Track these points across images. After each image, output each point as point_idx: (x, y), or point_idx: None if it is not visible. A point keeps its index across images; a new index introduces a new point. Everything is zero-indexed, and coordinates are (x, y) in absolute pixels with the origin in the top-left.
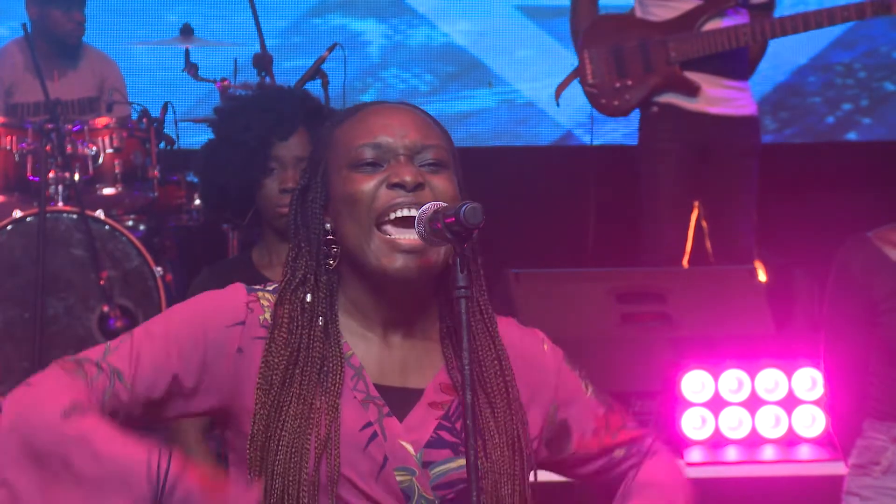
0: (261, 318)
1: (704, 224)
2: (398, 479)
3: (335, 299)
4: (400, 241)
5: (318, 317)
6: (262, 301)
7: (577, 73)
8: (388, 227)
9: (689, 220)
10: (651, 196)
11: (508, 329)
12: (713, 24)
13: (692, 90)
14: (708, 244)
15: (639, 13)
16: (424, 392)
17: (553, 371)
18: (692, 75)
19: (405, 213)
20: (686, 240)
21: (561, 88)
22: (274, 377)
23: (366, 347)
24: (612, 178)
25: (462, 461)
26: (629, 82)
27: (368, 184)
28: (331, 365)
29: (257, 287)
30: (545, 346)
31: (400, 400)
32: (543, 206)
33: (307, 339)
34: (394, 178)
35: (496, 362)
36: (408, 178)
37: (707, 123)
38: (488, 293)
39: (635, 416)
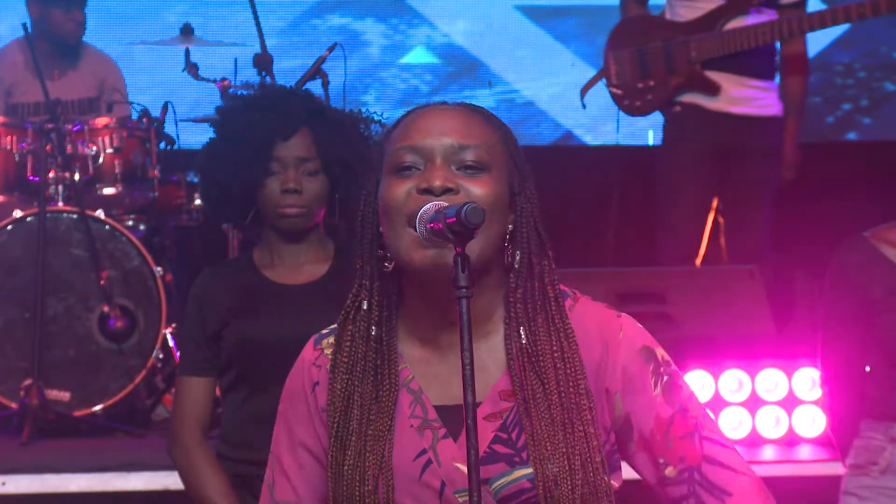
0: (329, 366)
1: (721, 220)
2: (461, 500)
3: (392, 311)
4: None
5: (371, 326)
6: (325, 350)
7: (603, 73)
8: (420, 227)
9: (706, 220)
10: (670, 194)
11: (585, 310)
12: (735, 24)
13: (713, 90)
14: (723, 242)
15: (667, 14)
16: (482, 404)
17: (622, 359)
18: (715, 75)
19: None
20: (702, 238)
21: (586, 89)
22: (337, 403)
23: (427, 369)
24: (613, 178)
25: (519, 472)
26: (652, 83)
27: (402, 189)
28: (385, 385)
29: (325, 332)
30: (621, 334)
31: (457, 418)
32: (544, 206)
33: (362, 354)
34: (423, 183)
35: (558, 354)
36: (436, 184)
37: (728, 123)
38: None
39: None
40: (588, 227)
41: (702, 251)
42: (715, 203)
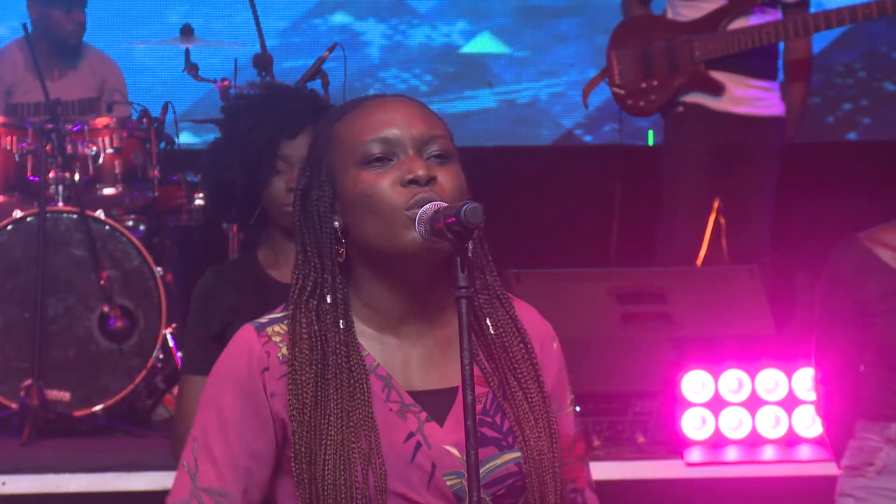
0: (279, 355)
1: (723, 221)
2: (448, 483)
3: (349, 302)
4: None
5: (338, 320)
6: (273, 338)
7: (605, 73)
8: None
9: (707, 220)
10: (672, 194)
11: (530, 315)
12: (739, 24)
13: (717, 89)
14: (724, 242)
15: (669, 14)
16: (458, 390)
17: (554, 366)
18: (718, 75)
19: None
20: (703, 239)
21: (588, 89)
22: (306, 395)
23: (388, 354)
24: (613, 178)
25: (507, 456)
26: (655, 83)
27: (383, 182)
28: (356, 376)
29: (263, 321)
30: (555, 345)
31: (436, 403)
32: (544, 206)
33: (332, 349)
34: (407, 174)
35: (521, 345)
36: (421, 173)
37: (732, 123)
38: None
39: (635, 417)
40: (588, 227)
41: (703, 252)
42: (716, 204)
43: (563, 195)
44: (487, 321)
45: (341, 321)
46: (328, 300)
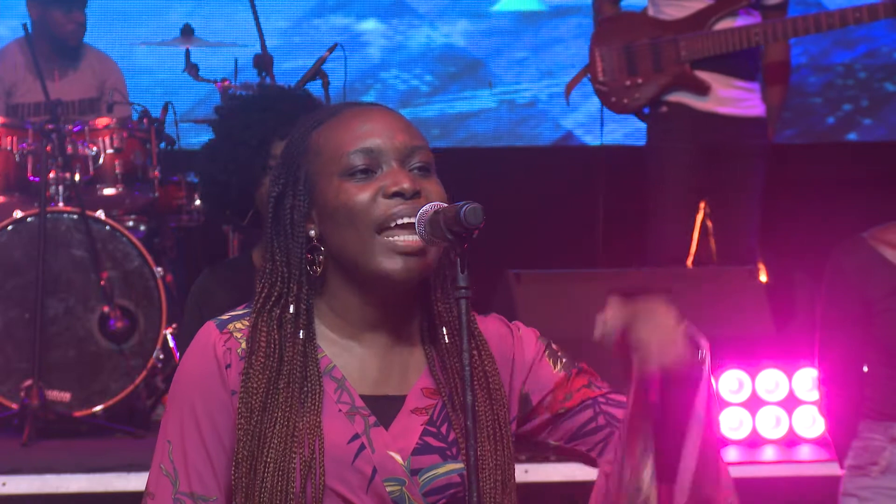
0: (239, 350)
1: (709, 223)
2: (388, 489)
3: (312, 311)
4: (401, 244)
5: (299, 330)
6: (234, 334)
7: (588, 70)
8: (389, 233)
9: (694, 221)
10: (657, 195)
11: (484, 320)
12: (725, 24)
13: (702, 89)
14: (712, 244)
15: (651, 12)
16: (406, 398)
17: (523, 354)
18: (703, 75)
19: (406, 220)
20: (691, 240)
21: (570, 86)
22: (254, 402)
23: (347, 357)
24: (614, 178)
25: (450, 466)
26: (639, 80)
27: (364, 194)
28: (310, 382)
29: (225, 318)
30: (519, 332)
31: (386, 408)
32: (544, 206)
33: (288, 358)
34: (392, 186)
35: (473, 346)
36: (406, 186)
37: (716, 123)
38: (489, 295)
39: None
40: (588, 227)
41: (692, 252)
42: (703, 205)
43: (563, 196)
44: (444, 329)
45: (301, 331)
46: (291, 310)
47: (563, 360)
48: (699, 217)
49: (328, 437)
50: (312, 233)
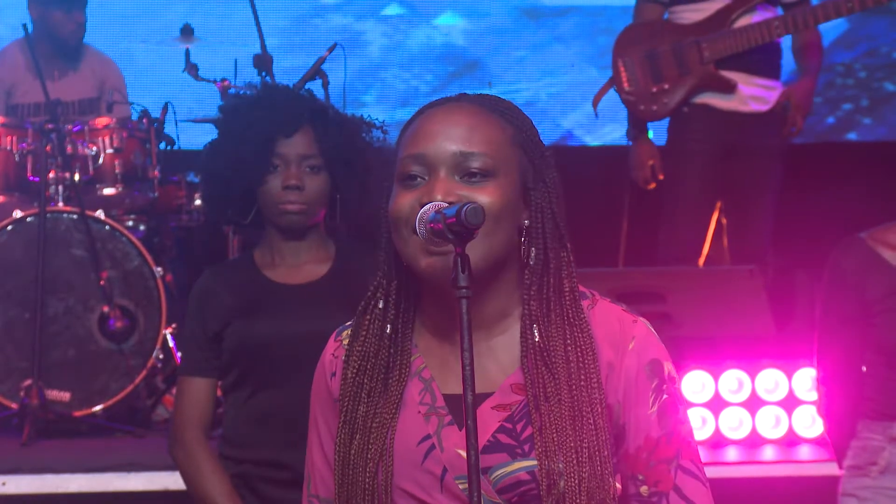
0: (344, 356)
1: (724, 221)
2: (461, 486)
3: (409, 308)
4: (431, 246)
5: (387, 324)
6: (344, 342)
7: (613, 81)
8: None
9: (709, 220)
10: (674, 195)
11: (601, 313)
12: (744, 21)
13: (729, 87)
14: (725, 242)
15: (670, 20)
16: (493, 395)
17: (627, 369)
18: (728, 74)
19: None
20: (705, 239)
21: (597, 99)
22: (346, 404)
23: (439, 359)
24: (614, 178)
25: (520, 464)
26: (666, 86)
27: (407, 201)
28: (394, 376)
29: (347, 324)
30: (632, 344)
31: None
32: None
33: (375, 347)
34: (424, 197)
35: (570, 343)
36: (437, 197)
37: (738, 122)
38: None
39: None
40: (588, 227)
41: (704, 252)
42: (719, 204)
43: (565, 196)
44: (535, 328)
45: (388, 325)
46: (380, 305)
47: (663, 398)
48: (714, 215)
49: (400, 438)
50: None
